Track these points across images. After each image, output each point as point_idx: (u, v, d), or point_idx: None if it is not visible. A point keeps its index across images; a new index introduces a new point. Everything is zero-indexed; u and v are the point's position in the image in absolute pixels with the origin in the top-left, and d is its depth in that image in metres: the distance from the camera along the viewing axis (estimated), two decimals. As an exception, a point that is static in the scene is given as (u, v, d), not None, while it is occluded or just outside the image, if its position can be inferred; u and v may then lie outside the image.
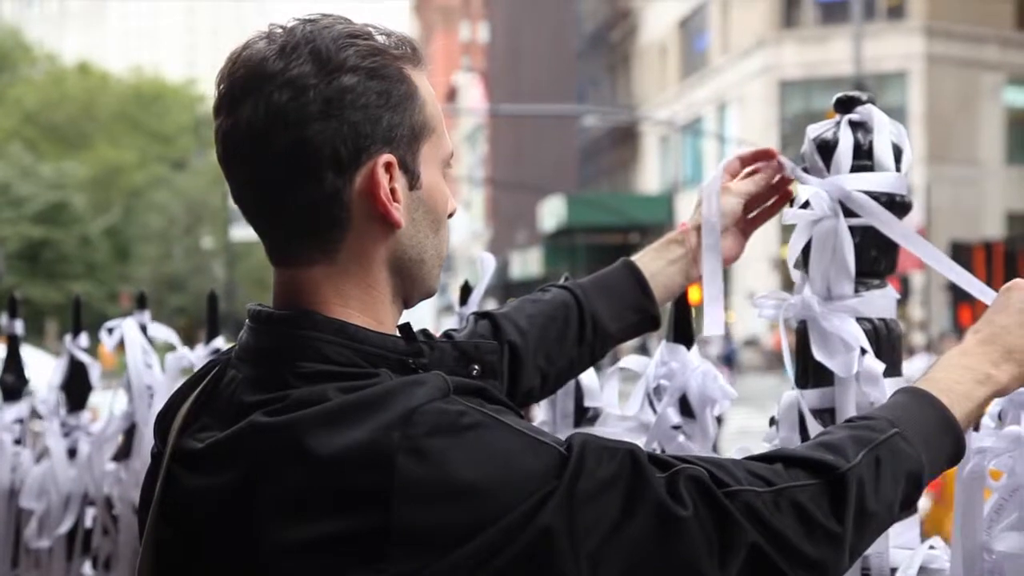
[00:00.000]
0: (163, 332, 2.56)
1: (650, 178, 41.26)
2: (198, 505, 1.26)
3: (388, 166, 1.29)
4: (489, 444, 1.19)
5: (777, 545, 1.23)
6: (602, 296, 1.81)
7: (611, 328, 1.81)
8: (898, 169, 1.65)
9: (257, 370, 1.30)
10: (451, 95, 72.85)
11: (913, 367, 21.39)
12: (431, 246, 1.36)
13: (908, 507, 1.33)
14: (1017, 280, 1.46)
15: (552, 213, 38.80)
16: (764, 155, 1.83)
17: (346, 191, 1.28)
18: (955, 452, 1.37)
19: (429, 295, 1.40)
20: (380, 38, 1.32)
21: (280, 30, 1.31)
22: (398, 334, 1.35)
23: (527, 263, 43.73)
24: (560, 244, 40.57)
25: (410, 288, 1.37)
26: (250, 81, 1.28)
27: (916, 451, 1.32)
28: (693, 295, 1.95)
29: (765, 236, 1.66)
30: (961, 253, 23.81)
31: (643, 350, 16.81)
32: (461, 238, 70.77)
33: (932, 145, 30.73)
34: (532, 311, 1.77)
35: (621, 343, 1.86)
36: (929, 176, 29.28)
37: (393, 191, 1.30)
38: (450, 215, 1.39)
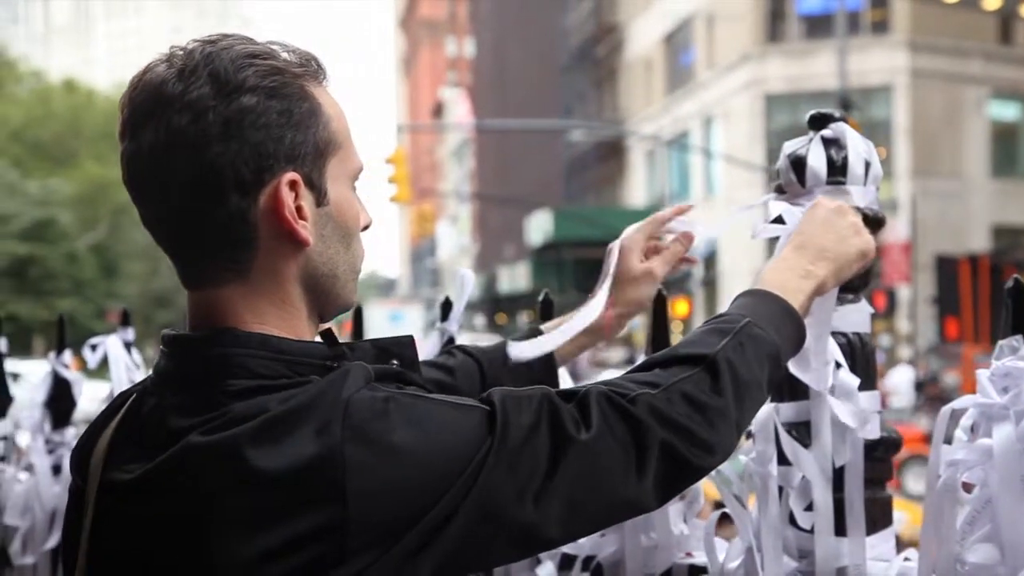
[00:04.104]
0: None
1: (636, 192, 41.29)
2: (143, 535, 1.25)
3: (292, 184, 1.30)
4: (420, 419, 1.23)
5: (681, 436, 1.32)
6: (511, 380, 1.78)
7: None
8: (867, 184, 1.69)
9: (183, 395, 1.28)
10: (437, 110, 72.89)
11: (894, 380, 21.40)
12: (343, 261, 1.38)
13: (774, 387, 1.49)
14: (820, 198, 1.62)
15: (539, 227, 38.81)
16: (680, 212, 1.91)
17: (251, 211, 1.29)
18: (799, 337, 1.52)
19: (345, 309, 1.42)
20: (283, 55, 1.32)
21: (180, 52, 1.31)
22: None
23: (515, 277, 43.70)
24: (547, 258, 40.58)
25: (325, 303, 1.38)
26: (150, 105, 1.29)
27: (770, 335, 1.44)
28: (680, 308, 1.98)
29: (751, 252, 1.71)
30: (947, 267, 23.85)
31: (630, 363, 16.77)
32: (449, 253, 70.73)
33: (917, 159, 30.83)
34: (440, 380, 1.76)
35: None
36: (915, 190, 29.37)
37: (299, 208, 1.30)
38: (364, 228, 1.41)
